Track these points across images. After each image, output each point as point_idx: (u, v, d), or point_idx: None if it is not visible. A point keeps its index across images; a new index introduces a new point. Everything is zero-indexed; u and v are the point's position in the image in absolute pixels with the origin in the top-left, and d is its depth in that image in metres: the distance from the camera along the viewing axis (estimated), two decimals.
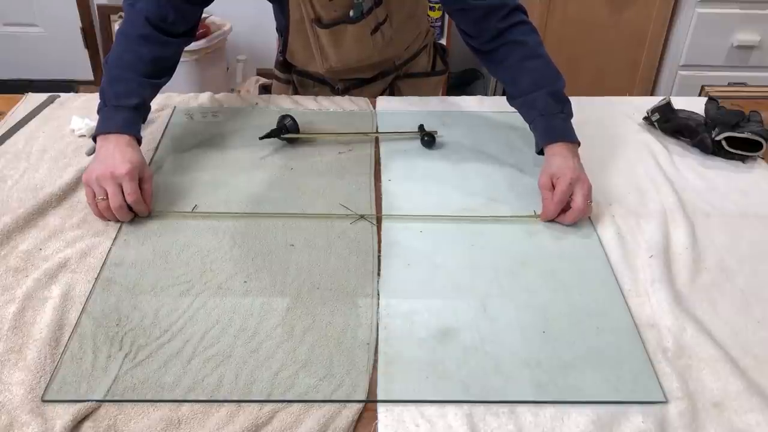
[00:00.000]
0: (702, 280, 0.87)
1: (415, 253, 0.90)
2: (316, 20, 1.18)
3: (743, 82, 2.43)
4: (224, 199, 1.00)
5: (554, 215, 0.96)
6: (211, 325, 0.78)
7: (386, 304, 0.81)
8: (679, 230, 0.96)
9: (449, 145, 1.16)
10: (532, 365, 0.74)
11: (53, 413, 0.67)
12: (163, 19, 1.06)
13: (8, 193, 0.99)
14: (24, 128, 1.17)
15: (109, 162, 0.93)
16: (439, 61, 1.43)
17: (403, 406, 0.69)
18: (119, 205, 0.92)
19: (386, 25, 1.21)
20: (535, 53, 1.06)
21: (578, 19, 2.48)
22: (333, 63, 1.24)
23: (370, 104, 1.29)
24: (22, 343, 0.74)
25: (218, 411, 0.68)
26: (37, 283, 0.83)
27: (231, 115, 1.24)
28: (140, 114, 1.03)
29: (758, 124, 1.12)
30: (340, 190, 1.03)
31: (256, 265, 0.87)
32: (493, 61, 1.11)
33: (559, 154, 0.99)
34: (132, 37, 1.05)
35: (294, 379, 0.71)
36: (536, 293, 0.84)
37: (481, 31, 1.08)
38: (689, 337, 0.78)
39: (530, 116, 1.05)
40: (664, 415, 0.69)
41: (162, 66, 1.07)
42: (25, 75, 3.08)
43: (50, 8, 2.98)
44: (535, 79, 1.05)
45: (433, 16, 2.71)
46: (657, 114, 1.21)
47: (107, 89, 1.01)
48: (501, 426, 0.67)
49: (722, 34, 2.45)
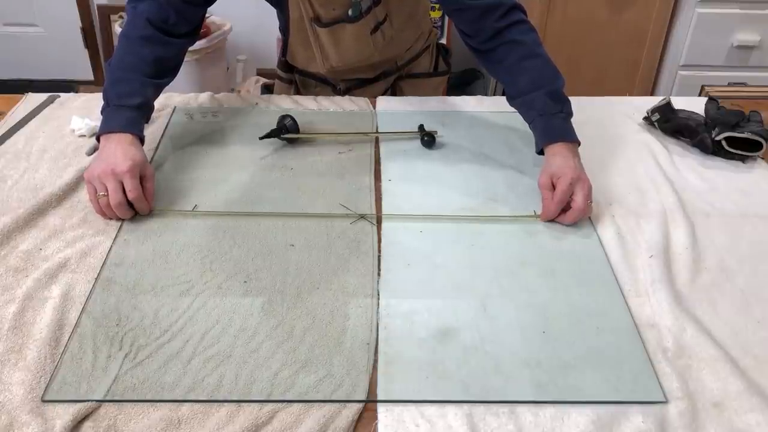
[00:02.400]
0: (702, 280, 0.87)
1: (415, 253, 0.90)
2: (315, 19, 1.18)
3: (743, 82, 2.43)
4: (224, 199, 1.00)
5: (554, 215, 0.96)
6: (211, 325, 0.78)
7: (386, 304, 0.81)
8: (679, 230, 0.96)
9: (449, 145, 1.16)
10: (532, 365, 0.74)
11: (53, 413, 0.67)
12: (164, 20, 1.06)
13: (8, 193, 0.99)
14: (24, 128, 1.17)
15: (111, 160, 0.94)
16: (441, 62, 1.42)
17: (403, 406, 0.69)
18: (119, 202, 0.92)
19: (386, 24, 1.21)
20: (534, 53, 1.06)
21: (578, 19, 2.48)
22: (334, 63, 1.24)
23: (370, 104, 1.29)
24: (22, 343, 0.74)
25: (218, 411, 0.68)
26: (37, 283, 0.82)
27: (231, 115, 1.24)
28: (143, 113, 1.03)
29: (758, 124, 1.12)
30: (340, 190, 1.03)
31: (256, 265, 0.87)
32: (491, 60, 1.11)
33: (559, 153, 0.99)
34: (133, 38, 1.05)
35: (294, 379, 0.71)
36: (536, 293, 0.84)
37: (479, 31, 1.08)
38: (689, 337, 0.78)
39: (529, 116, 1.05)
40: (664, 415, 0.69)
41: (165, 66, 1.07)
42: (25, 75, 3.08)
43: (50, 8, 2.98)
44: (534, 78, 1.05)
45: (434, 16, 2.71)
46: (657, 114, 1.22)
47: (109, 90, 1.01)
48: (501, 426, 0.67)
49: (722, 34, 2.45)
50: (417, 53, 1.36)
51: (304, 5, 1.17)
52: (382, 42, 1.23)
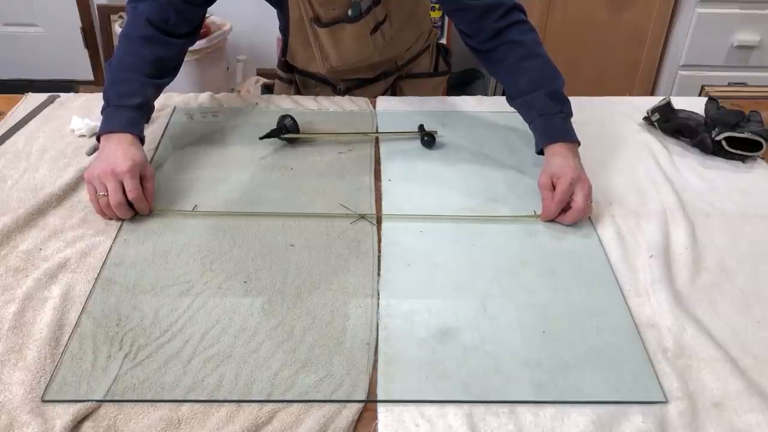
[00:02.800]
0: (702, 280, 0.87)
1: (415, 253, 0.90)
2: (314, 19, 1.18)
3: (743, 82, 2.43)
4: (224, 199, 1.00)
5: (554, 215, 0.96)
6: (211, 325, 0.78)
7: (386, 304, 0.81)
8: (679, 230, 0.96)
9: (449, 145, 1.16)
10: (532, 365, 0.74)
11: (53, 413, 0.67)
12: (164, 20, 1.06)
13: (8, 193, 0.99)
14: (24, 128, 1.17)
15: (111, 159, 0.94)
16: (441, 62, 1.43)
17: (403, 406, 0.69)
18: (119, 202, 0.92)
19: (386, 24, 1.21)
20: (534, 53, 1.06)
21: (578, 19, 2.48)
22: (334, 63, 1.24)
23: (370, 104, 1.29)
24: (22, 343, 0.74)
25: (218, 411, 0.68)
26: (37, 283, 0.82)
27: (231, 115, 1.24)
28: (143, 113, 1.04)
29: (758, 124, 1.12)
30: (340, 190, 1.03)
31: (256, 265, 0.87)
32: (491, 61, 1.11)
33: (560, 154, 0.99)
34: (133, 38, 1.05)
35: (294, 379, 0.71)
36: (536, 293, 0.84)
37: (479, 31, 1.08)
38: (689, 337, 0.78)
39: (529, 116, 1.05)
40: (664, 415, 0.69)
41: (165, 66, 1.07)
42: (25, 75, 3.08)
43: (50, 8, 2.98)
44: (534, 78, 1.05)
45: (434, 16, 2.71)
46: (657, 114, 1.21)
47: (110, 90, 1.02)
48: (501, 426, 0.67)
49: (722, 34, 2.45)
50: (417, 53, 1.36)
51: (304, 5, 1.17)
52: (382, 42, 1.23)
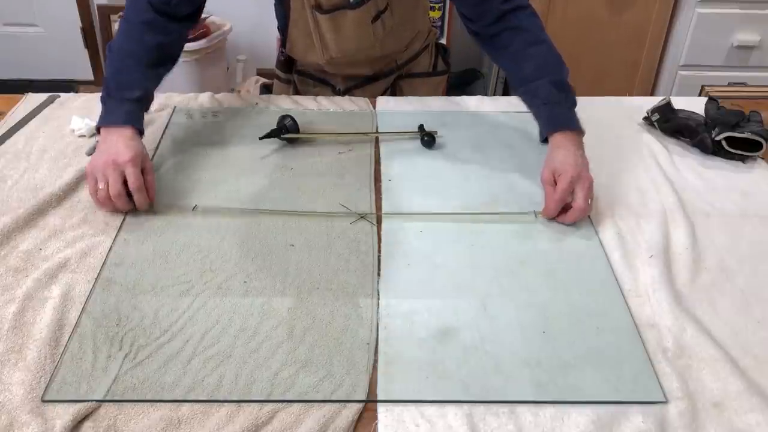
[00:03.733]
0: (702, 280, 0.87)
1: (415, 253, 0.90)
2: (316, 6, 1.18)
3: (743, 82, 2.43)
4: (224, 199, 1.00)
5: (555, 213, 0.95)
6: (211, 325, 0.78)
7: (386, 304, 0.81)
8: (679, 230, 0.96)
9: (449, 145, 1.16)
10: (532, 365, 0.74)
11: (53, 413, 0.67)
12: (166, 2, 1.06)
13: (8, 193, 1.00)
14: (24, 128, 1.17)
15: (113, 150, 0.94)
16: (440, 62, 1.42)
17: (403, 406, 0.69)
18: (118, 192, 0.92)
19: (387, 13, 1.21)
20: (539, 39, 1.06)
21: (578, 19, 2.48)
22: (333, 53, 1.24)
23: (370, 104, 1.29)
24: (22, 343, 0.74)
25: (218, 411, 0.68)
26: (37, 283, 0.83)
27: (231, 115, 1.24)
28: (142, 105, 1.04)
29: (758, 124, 1.12)
30: (340, 190, 1.03)
31: (256, 265, 0.87)
32: (496, 47, 1.10)
33: (563, 146, 0.98)
34: (134, 23, 1.06)
35: (294, 379, 0.71)
36: (536, 293, 0.84)
37: (482, 14, 1.08)
38: (689, 337, 0.78)
39: (534, 105, 1.05)
40: (664, 415, 0.69)
41: (165, 53, 1.08)
42: (25, 75, 3.08)
43: (50, 8, 2.98)
44: (539, 65, 1.04)
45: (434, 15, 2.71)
46: (657, 114, 1.21)
47: (110, 79, 1.02)
48: (501, 426, 0.67)
49: (722, 34, 2.45)
50: (416, 53, 1.36)
51: None
52: (383, 32, 1.22)
